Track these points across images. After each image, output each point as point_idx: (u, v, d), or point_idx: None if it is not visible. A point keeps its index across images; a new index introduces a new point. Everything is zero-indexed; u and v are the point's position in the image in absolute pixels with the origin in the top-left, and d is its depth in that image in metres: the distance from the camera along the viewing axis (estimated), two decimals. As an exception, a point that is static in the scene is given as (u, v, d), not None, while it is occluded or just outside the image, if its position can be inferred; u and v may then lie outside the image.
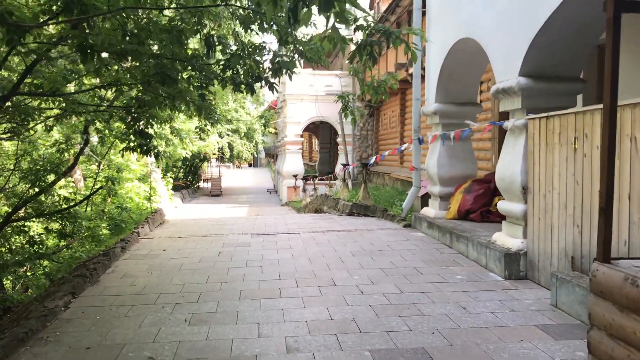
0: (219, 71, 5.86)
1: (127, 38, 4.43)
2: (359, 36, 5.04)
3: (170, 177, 19.10)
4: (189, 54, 5.74)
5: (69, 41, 4.59)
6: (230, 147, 27.37)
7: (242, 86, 5.84)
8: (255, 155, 34.33)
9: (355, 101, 23.68)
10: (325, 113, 25.32)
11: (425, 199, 10.62)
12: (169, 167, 24.46)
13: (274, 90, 6.29)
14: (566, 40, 6.09)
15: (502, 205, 6.86)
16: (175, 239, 9.51)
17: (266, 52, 6.16)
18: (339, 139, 26.31)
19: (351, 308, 5.23)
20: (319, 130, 33.93)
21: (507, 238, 6.66)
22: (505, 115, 10.23)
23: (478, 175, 9.76)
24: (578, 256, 5.24)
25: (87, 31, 4.45)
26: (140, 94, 6.76)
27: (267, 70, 6.21)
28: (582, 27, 5.98)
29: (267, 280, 6.34)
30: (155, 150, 8.66)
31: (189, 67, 5.87)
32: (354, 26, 4.40)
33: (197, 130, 9.66)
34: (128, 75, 6.20)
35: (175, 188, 29.01)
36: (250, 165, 69.94)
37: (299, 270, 6.83)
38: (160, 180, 16.69)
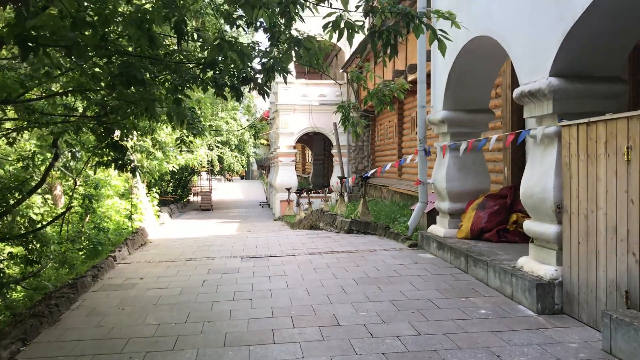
0: (198, 71, 4.92)
1: (76, 27, 3.48)
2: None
3: (156, 192, 18.07)
4: (161, 51, 4.79)
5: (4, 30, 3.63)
6: (220, 159, 26.35)
7: (227, 89, 4.90)
8: (244, 168, 33.20)
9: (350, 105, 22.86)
10: (318, 123, 24.42)
11: (431, 216, 9.70)
12: (156, 181, 23.45)
13: (265, 95, 5.36)
14: (608, 34, 5.21)
15: (530, 226, 5.94)
16: (155, 264, 8.52)
17: (255, 52, 5.24)
18: (333, 151, 25.39)
19: (360, 358, 4.27)
20: (312, 141, 33.02)
21: (537, 264, 5.73)
22: (518, 124, 9.38)
23: (491, 189, 8.86)
24: (635, 290, 4.31)
25: (26, 17, 3.50)
26: (105, 100, 5.80)
27: (257, 73, 5.31)
28: (628, 19, 5.10)
29: (258, 319, 5.36)
30: (131, 166, 7.71)
31: (161, 66, 4.92)
32: (362, 5, 3.47)
33: (178, 142, 8.66)
34: (91, 79, 5.24)
35: (164, 203, 27.93)
36: (242, 177, 68.83)
37: (295, 304, 5.86)
38: (145, 196, 15.69)
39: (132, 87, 4.55)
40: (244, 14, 4.99)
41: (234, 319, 5.41)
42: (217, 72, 4.70)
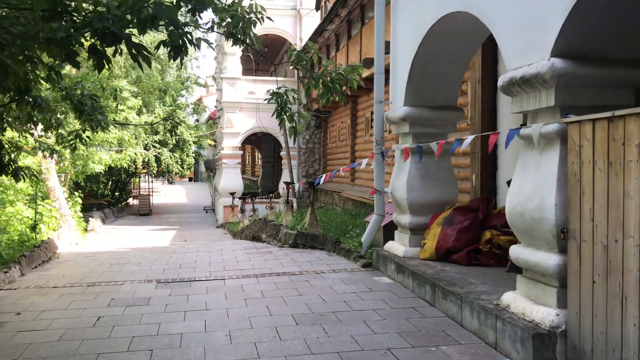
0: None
1: None
2: None
3: (78, 195, 16.08)
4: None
5: None
6: (158, 160, 24.32)
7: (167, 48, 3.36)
8: (185, 169, 31.08)
9: (299, 106, 21.33)
10: (267, 123, 22.83)
11: (389, 230, 8.31)
12: (86, 183, 21.33)
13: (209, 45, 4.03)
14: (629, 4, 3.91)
15: (518, 253, 4.60)
16: (47, 291, 6.79)
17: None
18: (282, 153, 23.87)
19: None
20: (261, 142, 31.36)
21: (529, 304, 4.38)
22: (489, 124, 8.11)
23: (460, 200, 7.54)
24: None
25: None
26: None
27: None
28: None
29: (151, 388, 3.79)
30: (12, 167, 6.00)
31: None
32: None
33: (71, 137, 6.85)
34: None
35: (99, 207, 25.71)
36: (190, 179, 66.25)
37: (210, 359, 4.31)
38: (64, 200, 13.79)
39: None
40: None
41: (117, 387, 3.82)
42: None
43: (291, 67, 22.25)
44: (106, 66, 3.24)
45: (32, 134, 8.36)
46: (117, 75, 11.40)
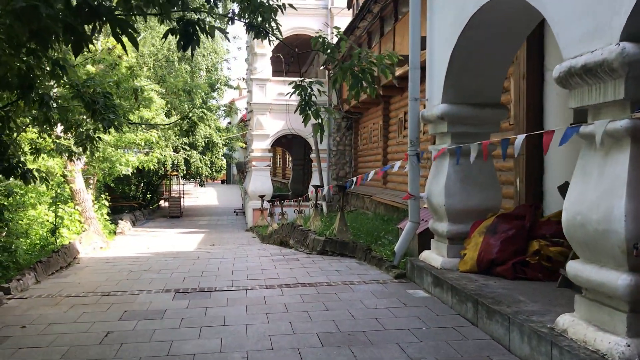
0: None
1: None
2: None
3: (105, 198, 15.86)
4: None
5: None
6: (187, 162, 24.08)
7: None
8: (217, 172, 30.83)
9: (330, 106, 20.77)
10: (296, 125, 22.36)
11: (424, 238, 7.71)
12: (117, 185, 21.22)
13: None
14: None
15: (578, 270, 3.97)
16: (58, 301, 6.41)
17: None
18: (312, 155, 23.38)
19: None
20: (292, 144, 30.95)
21: (591, 330, 3.75)
22: (534, 123, 7.43)
23: (502, 207, 6.90)
24: None
25: None
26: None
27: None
28: None
29: None
30: (20, 170, 5.63)
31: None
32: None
33: (81, 138, 6.46)
34: None
35: (130, 209, 25.66)
36: (223, 182, 66.34)
37: (223, 387, 3.81)
38: (89, 203, 13.54)
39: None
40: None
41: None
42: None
43: (322, 67, 21.77)
44: (85, 48, 2.78)
45: (50, 135, 8.02)
46: (139, 74, 11.12)
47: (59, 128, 8.51)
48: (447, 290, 5.86)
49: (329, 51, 4.37)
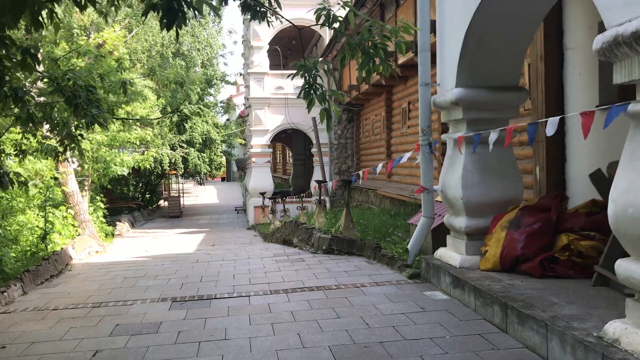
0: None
1: None
2: None
3: (101, 200, 15.34)
4: None
5: None
6: (185, 160, 23.50)
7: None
8: (215, 170, 30.29)
9: (330, 98, 20.21)
10: (296, 119, 21.86)
11: (438, 234, 7.19)
12: (114, 186, 20.65)
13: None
14: None
15: (631, 271, 3.44)
16: (45, 315, 5.88)
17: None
18: (313, 150, 22.83)
19: None
20: (292, 139, 30.40)
21: (650, 340, 3.22)
22: (555, 107, 6.88)
23: (524, 198, 6.37)
24: None
25: None
26: None
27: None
28: None
29: None
30: (3, 178, 5.12)
31: None
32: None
33: (64, 137, 5.92)
34: None
35: (129, 210, 25.14)
36: (223, 179, 65.77)
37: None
38: (84, 205, 13.01)
39: None
40: None
41: None
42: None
43: (320, 59, 21.15)
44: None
45: (35, 135, 7.47)
46: (127, 67, 10.58)
47: (46, 127, 7.96)
48: (468, 292, 5.33)
49: (335, 25, 3.82)
